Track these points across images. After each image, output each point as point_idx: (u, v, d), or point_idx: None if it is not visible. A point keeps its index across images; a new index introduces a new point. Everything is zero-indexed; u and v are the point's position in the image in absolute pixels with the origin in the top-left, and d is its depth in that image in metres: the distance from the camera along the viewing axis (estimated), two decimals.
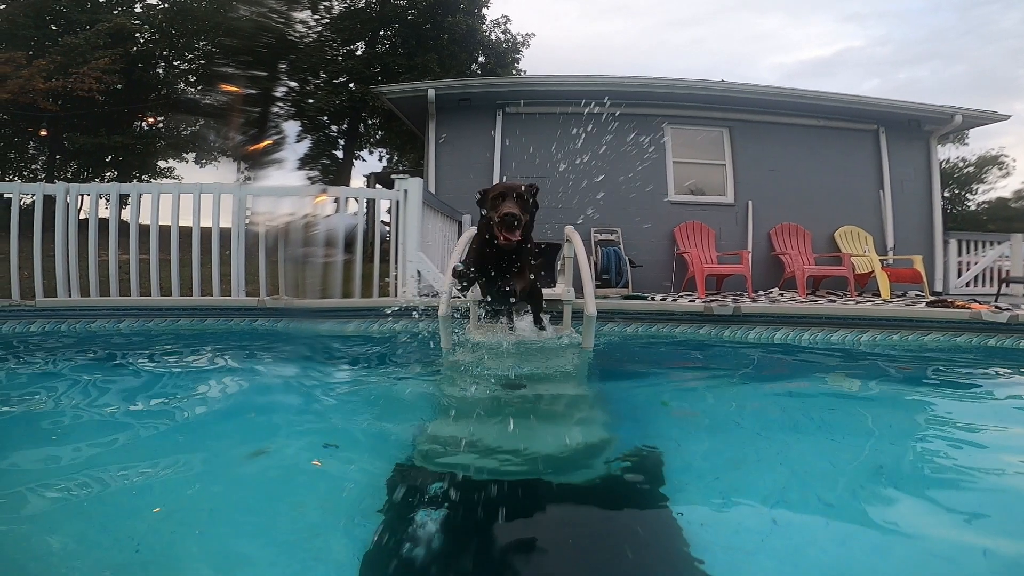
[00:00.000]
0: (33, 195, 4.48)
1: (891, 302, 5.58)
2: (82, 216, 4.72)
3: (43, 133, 17.21)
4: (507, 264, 2.32)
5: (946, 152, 20.99)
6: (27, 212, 4.54)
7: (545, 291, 3.31)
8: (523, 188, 2.20)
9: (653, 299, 5.70)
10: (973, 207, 24.73)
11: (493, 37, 20.25)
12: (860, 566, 1.18)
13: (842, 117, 7.86)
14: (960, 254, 7.93)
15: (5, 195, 4.42)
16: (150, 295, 4.36)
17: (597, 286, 6.29)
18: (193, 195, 4.43)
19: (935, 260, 7.86)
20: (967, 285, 7.77)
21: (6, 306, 3.96)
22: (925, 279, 6.53)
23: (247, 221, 4.51)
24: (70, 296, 4.27)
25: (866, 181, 7.91)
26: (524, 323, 3.26)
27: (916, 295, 6.71)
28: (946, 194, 21.05)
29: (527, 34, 20.62)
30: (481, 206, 2.33)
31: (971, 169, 24.44)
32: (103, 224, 4.42)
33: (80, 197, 5.13)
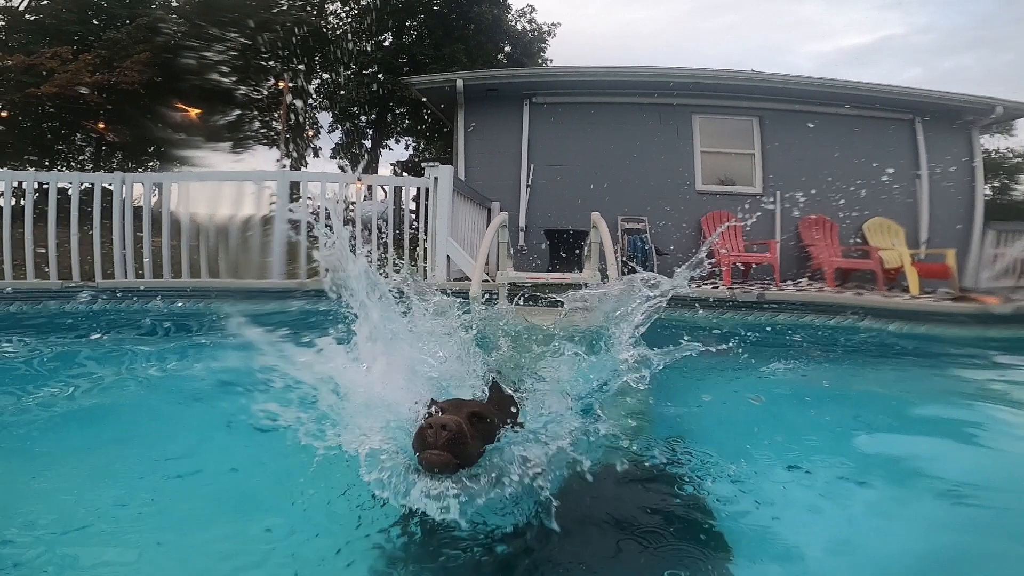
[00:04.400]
0: (91, 184, 4.81)
1: (919, 299, 5.41)
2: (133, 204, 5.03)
3: (100, 126, 17.93)
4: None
5: (994, 143, 20.14)
6: (83, 201, 4.85)
7: (571, 276, 3.43)
8: (479, 408, 1.24)
9: None
10: (1020, 196, 23.63)
11: (519, 27, 20.25)
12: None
13: (875, 106, 7.68)
14: (997, 245, 7.47)
15: (58, 184, 4.73)
16: (199, 277, 4.65)
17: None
18: (234, 183, 4.72)
19: (971, 253, 7.53)
20: (998, 278, 7.21)
21: (71, 286, 4.29)
22: (956, 276, 6.24)
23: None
24: (126, 277, 4.59)
25: (900, 172, 7.71)
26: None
27: (946, 293, 6.41)
28: (995, 184, 20.13)
29: (552, 23, 20.55)
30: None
31: (1019, 160, 23.36)
32: (154, 211, 4.73)
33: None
